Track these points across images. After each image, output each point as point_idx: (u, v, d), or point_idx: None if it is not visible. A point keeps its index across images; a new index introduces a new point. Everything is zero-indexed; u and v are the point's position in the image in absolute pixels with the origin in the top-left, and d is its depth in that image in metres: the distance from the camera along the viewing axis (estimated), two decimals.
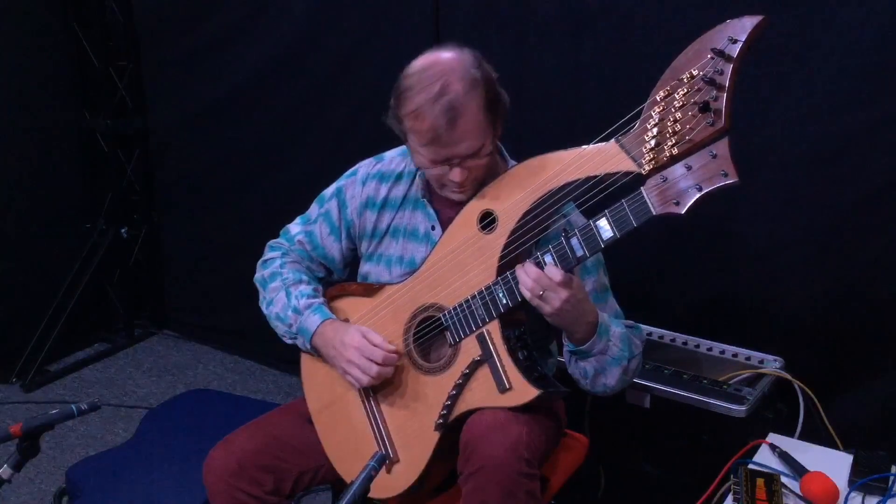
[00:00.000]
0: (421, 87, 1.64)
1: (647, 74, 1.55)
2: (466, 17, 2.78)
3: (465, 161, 1.69)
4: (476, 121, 1.65)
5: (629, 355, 1.73)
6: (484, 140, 1.68)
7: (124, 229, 3.88)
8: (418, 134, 1.66)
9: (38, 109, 3.57)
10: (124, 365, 3.75)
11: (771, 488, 1.71)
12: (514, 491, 1.60)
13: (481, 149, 1.68)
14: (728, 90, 1.40)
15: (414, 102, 1.64)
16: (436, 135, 1.64)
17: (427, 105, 1.63)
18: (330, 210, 1.97)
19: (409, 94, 1.66)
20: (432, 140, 1.65)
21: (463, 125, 1.64)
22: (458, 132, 1.64)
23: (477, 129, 1.66)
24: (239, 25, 3.35)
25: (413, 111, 1.65)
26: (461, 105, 1.62)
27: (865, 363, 2.34)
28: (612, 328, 1.72)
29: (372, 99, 3.03)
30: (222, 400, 3.17)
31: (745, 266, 2.47)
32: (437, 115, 1.62)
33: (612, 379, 1.73)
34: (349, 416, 1.90)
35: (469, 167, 1.70)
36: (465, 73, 1.65)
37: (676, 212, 1.45)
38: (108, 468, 2.63)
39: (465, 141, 1.66)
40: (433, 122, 1.63)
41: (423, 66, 1.68)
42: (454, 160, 1.68)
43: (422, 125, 1.64)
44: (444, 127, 1.62)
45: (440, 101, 1.62)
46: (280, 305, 1.93)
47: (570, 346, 1.73)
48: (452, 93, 1.62)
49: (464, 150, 1.67)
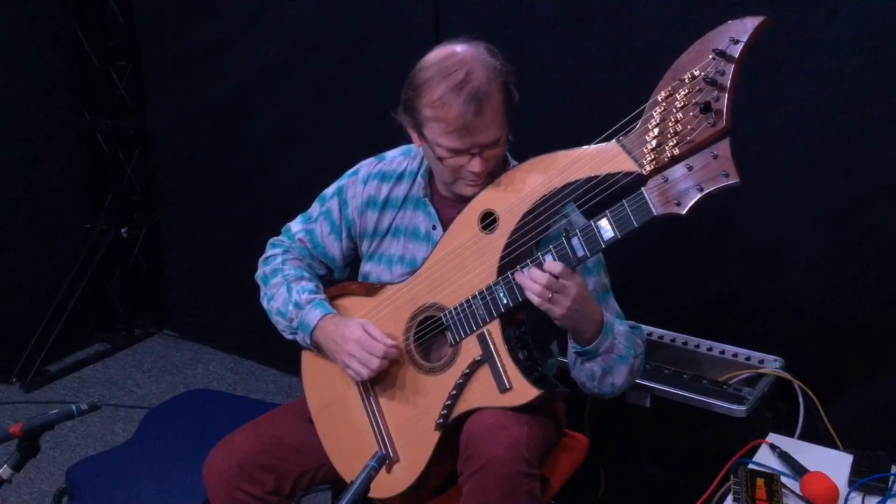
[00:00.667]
0: (443, 75, 1.64)
1: (648, 74, 1.55)
2: (466, 17, 2.78)
3: (485, 151, 1.69)
4: (499, 109, 1.67)
5: (634, 353, 1.73)
6: (504, 130, 1.69)
7: (124, 229, 3.88)
8: (444, 122, 1.66)
9: (39, 109, 3.57)
10: (124, 365, 3.75)
11: (771, 488, 1.71)
12: (514, 491, 1.60)
13: (500, 139, 1.69)
14: (729, 91, 1.40)
15: (438, 91, 1.64)
16: (464, 122, 1.63)
17: (452, 93, 1.62)
18: (331, 209, 1.97)
19: (431, 83, 1.65)
20: (459, 128, 1.65)
21: (488, 113, 1.64)
22: (483, 119, 1.64)
23: (499, 118, 1.67)
24: (239, 25, 3.35)
25: (438, 99, 1.64)
26: (486, 92, 1.63)
27: (865, 363, 2.34)
28: (617, 326, 1.72)
29: (372, 99, 3.06)
30: (222, 400, 3.17)
31: (746, 266, 2.47)
32: (463, 101, 1.62)
33: (619, 378, 1.73)
34: (349, 415, 1.90)
35: (487, 157, 1.70)
36: (486, 62, 1.66)
37: (677, 212, 1.45)
38: (108, 468, 2.63)
39: (489, 129, 1.66)
40: (460, 110, 1.62)
41: (443, 56, 1.68)
42: (475, 149, 1.68)
43: (448, 113, 1.64)
44: (471, 113, 1.63)
45: (466, 87, 1.62)
46: (281, 300, 1.93)
47: (577, 348, 1.72)
48: (477, 80, 1.63)
49: (487, 139, 1.67)
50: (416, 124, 1.73)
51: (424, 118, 1.69)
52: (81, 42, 3.70)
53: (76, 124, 3.75)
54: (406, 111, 1.73)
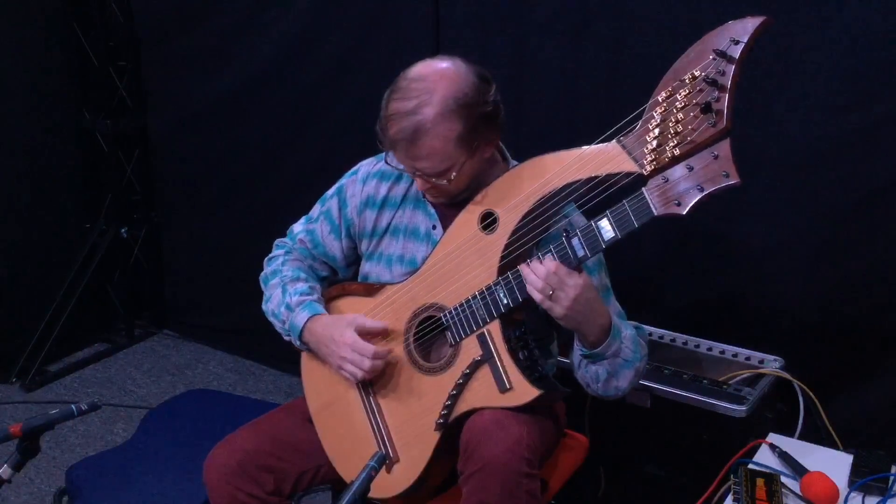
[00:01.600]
0: (401, 96, 1.67)
1: (648, 75, 1.55)
2: (466, 17, 2.77)
3: (427, 176, 1.72)
4: (442, 147, 1.66)
5: (640, 357, 1.73)
6: (450, 165, 1.69)
7: (124, 229, 3.87)
8: (384, 134, 1.70)
9: (38, 109, 3.57)
10: (124, 365, 3.75)
11: (771, 488, 1.71)
12: (514, 491, 1.60)
13: (446, 172, 1.70)
14: (730, 91, 1.40)
15: (390, 108, 1.68)
16: (397, 144, 1.68)
17: (397, 116, 1.66)
18: (330, 209, 1.97)
19: (392, 97, 1.69)
20: (393, 146, 1.70)
21: (425, 147, 1.66)
22: (418, 150, 1.67)
23: (442, 155, 1.68)
24: (239, 25, 3.35)
25: (387, 115, 1.69)
26: (428, 130, 1.64)
27: (865, 363, 2.34)
28: (624, 330, 1.72)
29: (372, 99, 3.02)
30: (222, 400, 3.17)
31: (745, 266, 2.47)
32: (401, 128, 1.65)
33: (624, 381, 1.73)
34: (349, 415, 1.90)
35: (432, 183, 1.73)
36: (448, 101, 1.65)
37: (678, 212, 1.45)
38: (108, 468, 2.63)
39: (425, 161, 1.69)
40: (396, 133, 1.67)
41: (415, 76, 1.69)
42: (416, 171, 1.72)
43: (388, 130, 1.68)
44: (405, 141, 1.67)
45: (409, 118, 1.65)
46: (276, 302, 1.94)
47: (582, 350, 1.72)
48: (423, 115, 1.64)
49: (424, 168, 1.70)
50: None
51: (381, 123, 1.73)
52: (81, 42, 3.69)
53: (76, 124, 3.74)
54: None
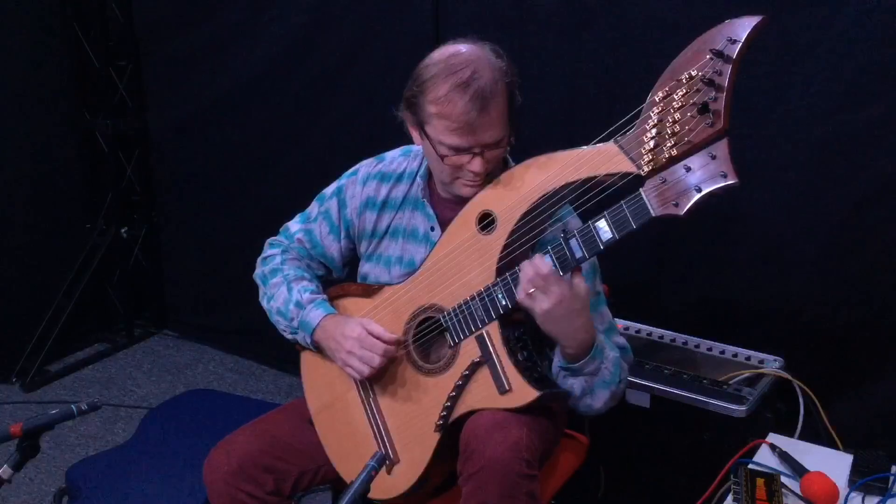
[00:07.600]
0: (449, 72, 1.64)
1: (647, 74, 1.55)
2: (466, 17, 2.78)
3: (487, 151, 1.69)
4: (502, 110, 1.67)
5: (618, 380, 1.71)
6: (506, 131, 1.69)
7: (124, 229, 3.88)
8: (447, 119, 1.65)
9: (38, 109, 3.57)
10: (124, 365, 3.75)
11: (771, 488, 1.71)
12: (513, 492, 1.60)
13: (503, 139, 1.69)
14: (727, 91, 1.40)
15: (443, 88, 1.64)
16: (468, 119, 1.63)
17: (458, 90, 1.63)
18: (330, 209, 1.97)
19: (437, 80, 1.65)
20: (463, 125, 1.64)
21: (493, 112, 1.64)
22: (487, 118, 1.64)
23: (503, 119, 1.67)
24: (239, 25, 3.35)
25: (443, 96, 1.64)
26: (491, 92, 1.63)
27: (865, 363, 2.34)
28: (608, 351, 1.70)
29: (372, 99, 3.06)
30: (222, 400, 3.18)
31: (745, 266, 2.47)
32: (468, 99, 1.62)
33: (598, 402, 1.71)
34: (349, 416, 1.90)
35: (489, 158, 1.70)
36: (492, 63, 1.66)
37: (676, 213, 1.45)
38: (108, 468, 2.64)
39: (492, 129, 1.66)
40: (465, 107, 1.62)
41: (448, 53, 1.68)
42: (477, 148, 1.68)
43: (452, 110, 1.64)
44: (475, 112, 1.63)
45: (472, 86, 1.62)
46: (281, 300, 1.93)
47: (560, 363, 1.70)
48: (482, 79, 1.63)
49: (489, 139, 1.67)
50: (418, 121, 1.72)
51: (428, 115, 1.69)
52: (81, 42, 3.69)
53: (76, 124, 3.75)
54: (408, 108, 1.73)
